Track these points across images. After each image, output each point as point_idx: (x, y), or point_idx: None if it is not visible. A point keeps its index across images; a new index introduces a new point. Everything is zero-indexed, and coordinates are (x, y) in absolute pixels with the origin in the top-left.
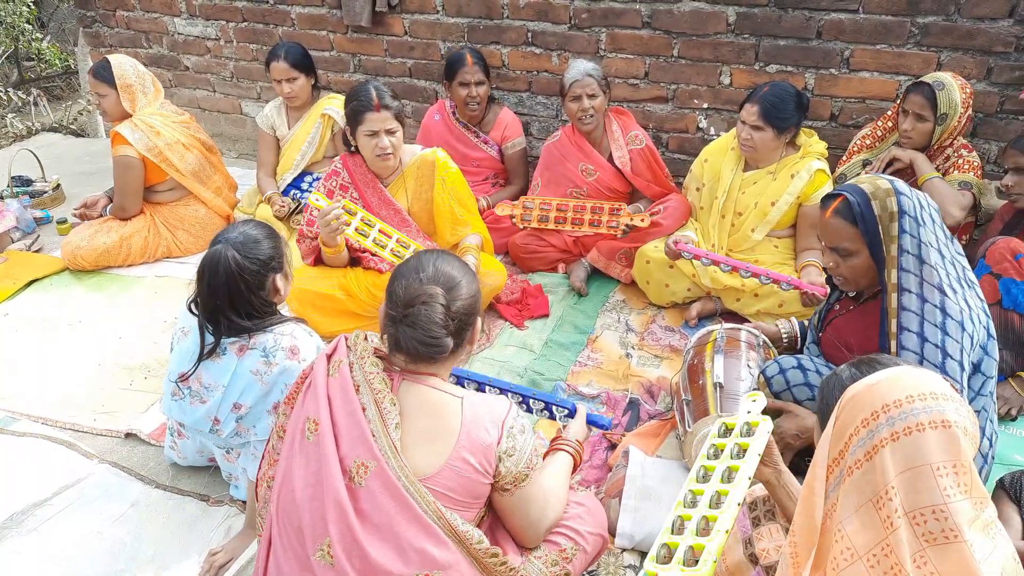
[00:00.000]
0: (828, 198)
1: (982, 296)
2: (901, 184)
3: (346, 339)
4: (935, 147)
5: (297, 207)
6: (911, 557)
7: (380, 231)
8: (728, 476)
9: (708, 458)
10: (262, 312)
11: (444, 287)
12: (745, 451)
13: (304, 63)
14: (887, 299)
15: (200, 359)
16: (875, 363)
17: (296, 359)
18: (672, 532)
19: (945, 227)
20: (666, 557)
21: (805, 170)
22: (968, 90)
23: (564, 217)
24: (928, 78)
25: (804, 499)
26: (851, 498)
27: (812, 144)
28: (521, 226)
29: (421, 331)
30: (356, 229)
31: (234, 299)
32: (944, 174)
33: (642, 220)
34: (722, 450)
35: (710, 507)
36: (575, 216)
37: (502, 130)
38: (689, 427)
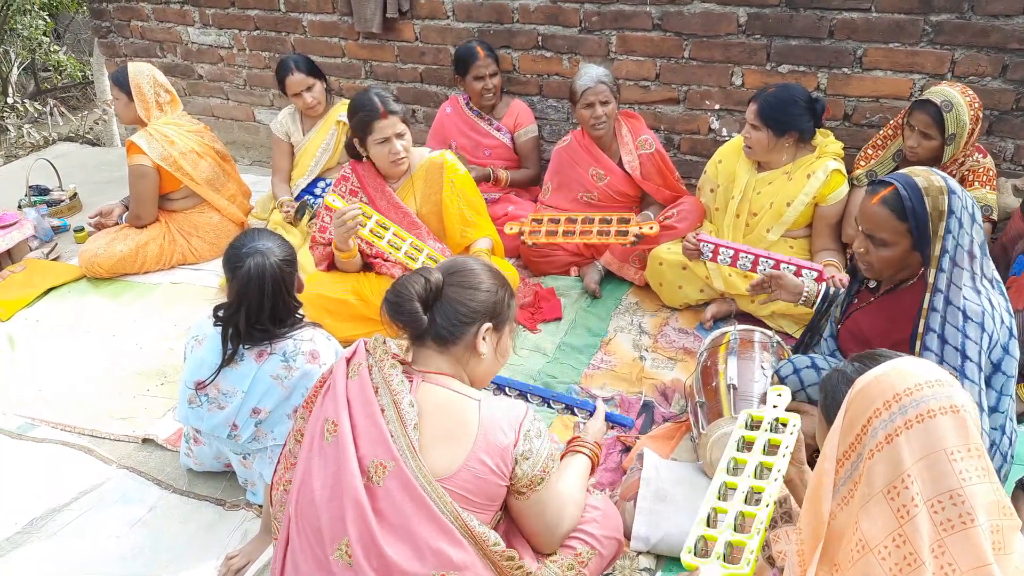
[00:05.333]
0: (878, 184)
1: (1005, 295)
2: (953, 182)
3: (365, 343)
4: (947, 163)
5: (300, 207)
6: (929, 547)
7: (395, 234)
8: (760, 472)
9: (738, 449)
10: (294, 311)
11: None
12: (776, 447)
13: (316, 69)
14: (925, 297)
15: (221, 366)
16: (877, 357)
17: (316, 363)
18: (708, 525)
19: (978, 223)
20: (703, 551)
21: (821, 170)
22: (977, 104)
23: (572, 230)
24: (935, 96)
25: (811, 494)
26: (862, 490)
27: (828, 144)
28: (530, 242)
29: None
30: (371, 231)
31: (276, 305)
32: (960, 181)
33: (651, 228)
34: (751, 443)
35: (746, 502)
36: (584, 228)
37: (514, 117)
38: (703, 429)
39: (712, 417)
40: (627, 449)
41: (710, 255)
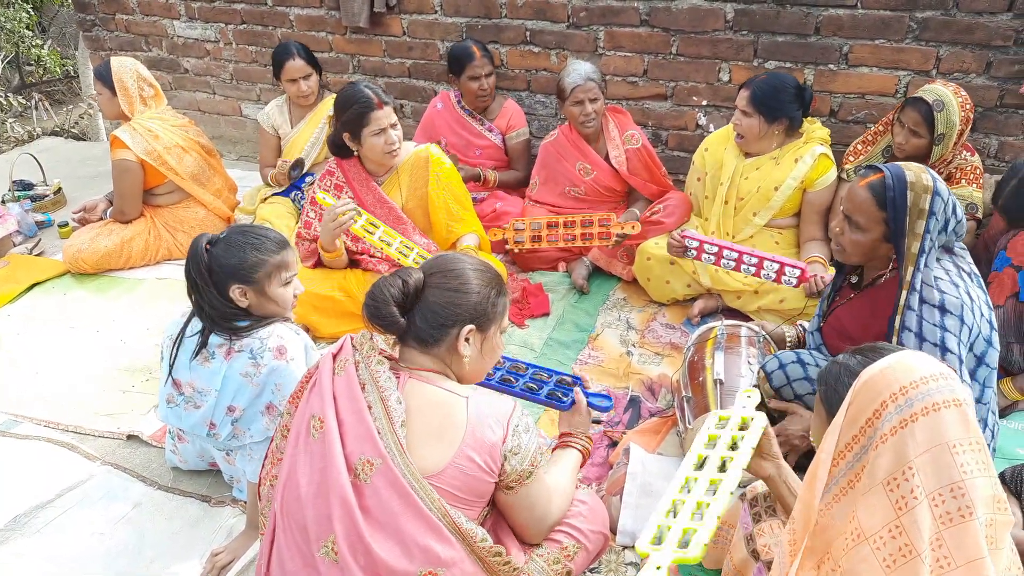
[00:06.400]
0: (870, 169)
1: (984, 288)
2: (942, 186)
3: (352, 339)
4: (935, 162)
5: (295, 162)
6: (928, 540)
7: (385, 232)
8: (722, 466)
9: (704, 447)
10: (222, 311)
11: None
12: (738, 444)
13: (314, 59)
14: (900, 295)
15: (175, 346)
16: (879, 350)
17: (284, 359)
18: (666, 516)
19: (959, 220)
20: (659, 539)
21: (809, 154)
22: (968, 106)
23: (556, 235)
24: (928, 94)
25: (806, 485)
26: (864, 481)
27: (815, 130)
28: (516, 249)
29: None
30: (363, 226)
31: (200, 288)
32: (948, 178)
33: (632, 228)
34: (716, 441)
35: (704, 494)
36: (566, 232)
37: (507, 119)
38: (690, 424)
39: (699, 412)
40: (614, 444)
41: (695, 253)
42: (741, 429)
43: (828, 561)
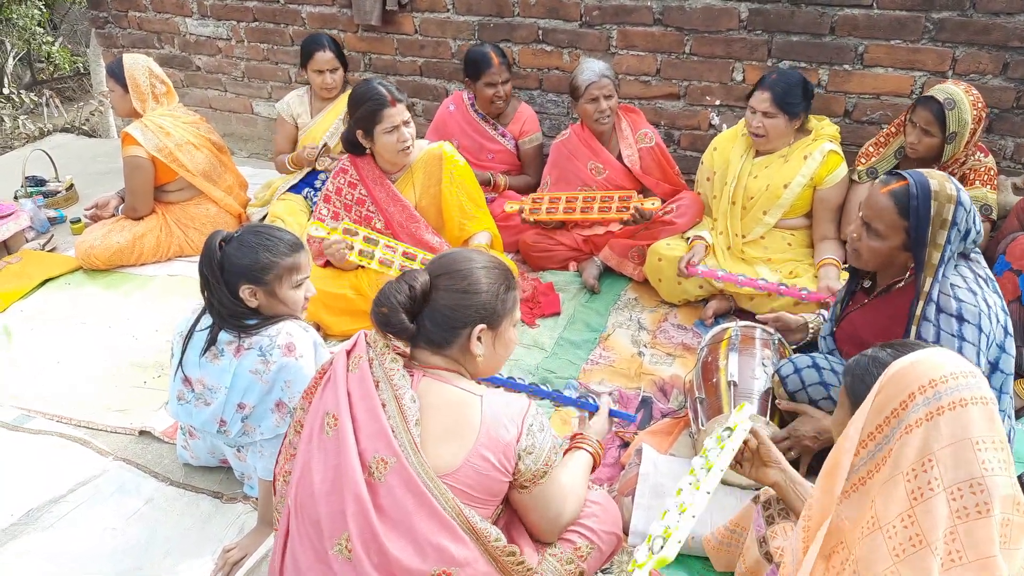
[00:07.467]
0: (892, 176)
1: (1000, 293)
2: (965, 196)
3: (366, 335)
4: (947, 162)
5: (323, 147)
6: (941, 532)
7: (385, 247)
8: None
9: (693, 473)
10: (232, 309)
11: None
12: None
13: (343, 55)
14: (917, 305)
15: (186, 340)
16: (909, 346)
17: (293, 356)
18: (647, 543)
19: (979, 230)
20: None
21: (818, 151)
22: (980, 104)
23: (573, 208)
24: (939, 93)
25: (827, 472)
26: (885, 471)
27: (823, 127)
28: (531, 219)
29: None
30: (360, 252)
31: (211, 286)
32: (962, 179)
33: (652, 203)
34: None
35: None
36: (584, 206)
37: (520, 124)
38: (702, 425)
39: (712, 413)
40: (625, 444)
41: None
42: (727, 439)
43: (841, 550)
